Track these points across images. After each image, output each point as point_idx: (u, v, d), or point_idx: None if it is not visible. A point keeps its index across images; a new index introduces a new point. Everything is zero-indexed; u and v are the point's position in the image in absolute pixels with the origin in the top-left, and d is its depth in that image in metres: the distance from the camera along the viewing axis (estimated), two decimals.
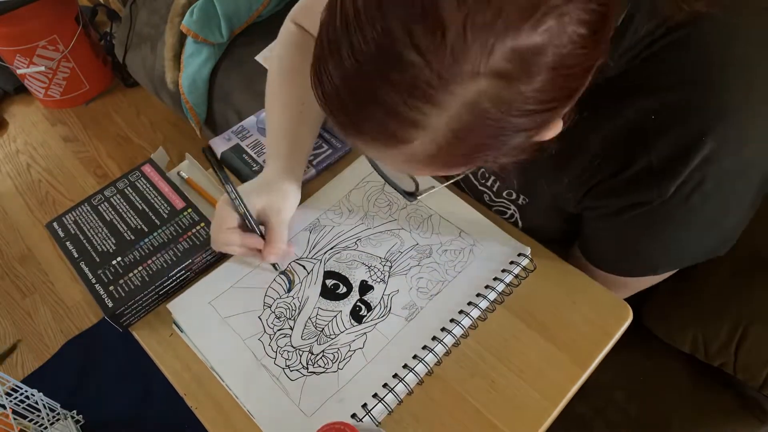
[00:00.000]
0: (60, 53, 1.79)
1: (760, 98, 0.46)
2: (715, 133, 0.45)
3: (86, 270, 0.63)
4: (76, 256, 0.64)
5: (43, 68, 1.79)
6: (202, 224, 0.66)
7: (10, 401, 1.06)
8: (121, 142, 1.84)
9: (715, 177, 0.47)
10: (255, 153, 0.74)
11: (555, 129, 0.41)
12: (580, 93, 0.38)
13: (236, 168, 0.73)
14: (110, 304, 0.60)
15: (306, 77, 0.67)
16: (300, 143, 0.67)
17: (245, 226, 0.62)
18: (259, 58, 1.23)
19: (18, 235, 1.66)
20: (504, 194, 0.64)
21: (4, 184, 1.78)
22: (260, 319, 0.61)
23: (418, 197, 0.53)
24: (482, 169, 0.64)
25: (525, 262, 0.62)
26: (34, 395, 1.12)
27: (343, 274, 0.63)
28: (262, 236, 0.63)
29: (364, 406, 0.54)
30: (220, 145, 0.75)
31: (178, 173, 0.74)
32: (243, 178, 0.72)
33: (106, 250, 0.64)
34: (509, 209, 0.65)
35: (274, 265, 0.64)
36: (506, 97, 0.34)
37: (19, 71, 1.81)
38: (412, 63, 0.32)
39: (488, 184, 0.65)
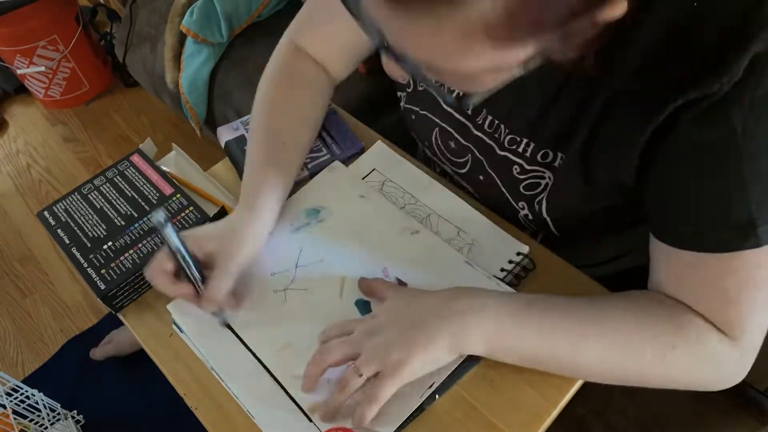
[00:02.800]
0: (60, 53, 1.79)
1: None
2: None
3: (78, 255, 0.64)
4: (67, 242, 0.66)
5: (43, 68, 1.79)
6: (191, 208, 0.67)
7: (10, 401, 1.06)
8: (121, 142, 1.84)
9: None
10: None
11: (620, 6, 0.35)
12: None
13: (236, 160, 0.73)
14: (102, 286, 0.61)
15: (291, 114, 0.65)
16: (273, 185, 0.62)
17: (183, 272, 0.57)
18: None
19: (18, 235, 1.66)
20: (539, 156, 0.55)
21: (4, 184, 1.78)
22: None
23: (471, 104, 0.44)
24: (512, 135, 0.56)
25: (524, 261, 0.62)
26: (34, 395, 1.12)
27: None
28: (201, 283, 0.57)
29: None
30: (226, 133, 0.75)
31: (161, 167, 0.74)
32: (241, 171, 0.72)
33: (96, 236, 0.66)
34: (544, 177, 0.56)
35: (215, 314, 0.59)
36: None
37: (19, 71, 1.81)
38: None
39: (520, 149, 0.56)
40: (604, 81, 0.47)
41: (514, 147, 0.58)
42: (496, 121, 0.59)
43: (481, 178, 0.63)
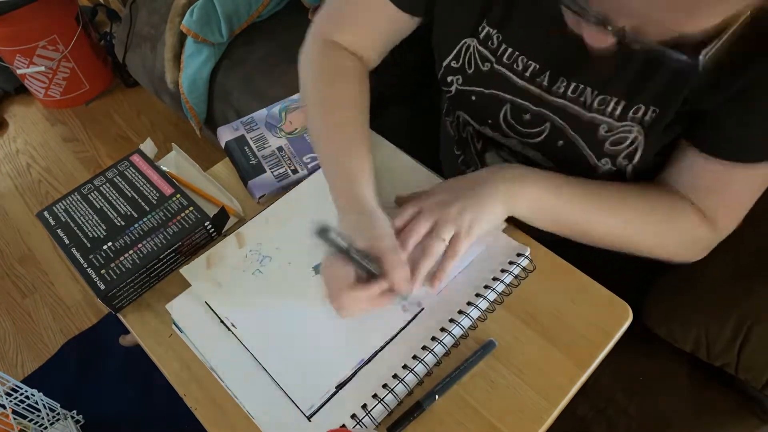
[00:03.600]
0: (60, 53, 1.79)
1: None
2: None
3: (77, 255, 0.64)
4: (67, 242, 0.66)
5: (43, 68, 1.79)
6: (191, 208, 0.67)
7: (10, 401, 1.06)
8: (121, 142, 1.84)
9: None
10: (257, 147, 0.74)
11: None
12: None
13: (235, 159, 0.73)
14: (102, 287, 0.61)
15: (347, 106, 0.68)
16: (360, 169, 0.63)
17: (360, 277, 0.56)
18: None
19: (18, 235, 1.66)
20: (631, 112, 0.59)
21: (4, 184, 1.78)
22: None
23: (703, 59, 0.47)
24: (602, 95, 0.60)
25: (524, 262, 0.62)
26: (34, 395, 1.12)
27: None
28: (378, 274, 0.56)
29: (364, 406, 0.54)
30: (226, 133, 0.76)
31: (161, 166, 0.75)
32: (241, 171, 0.72)
33: (96, 236, 0.66)
34: (631, 133, 0.60)
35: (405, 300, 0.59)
36: None
37: (19, 71, 1.81)
38: None
39: (609, 109, 0.60)
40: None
41: (603, 107, 0.60)
42: (581, 86, 0.61)
43: (560, 143, 0.65)
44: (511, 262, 0.61)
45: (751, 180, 0.58)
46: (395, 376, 0.55)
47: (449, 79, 0.69)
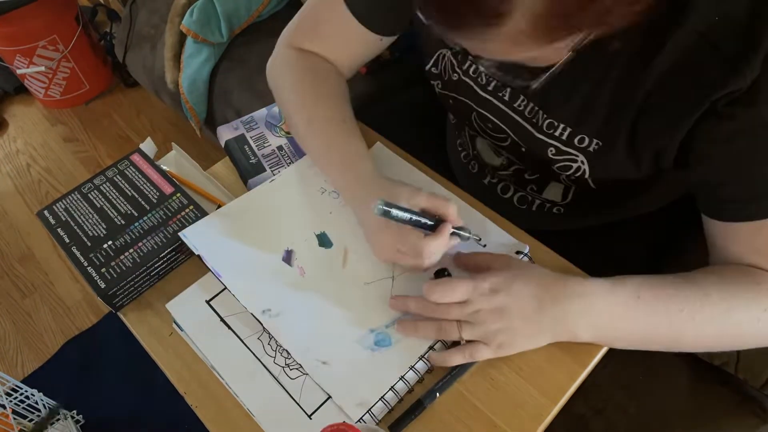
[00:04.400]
0: (60, 53, 1.79)
1: None
2: None
3: (78, 254, 0.64)
4: (67, 241, 0.66)
5: (43, 68, 1.79)
6: (191, 207, 0.67)
7: (10, 401, 1.06)
8: (121, 142, 1.85)
9: None
10: (257, 146, 0.74)
11: None
12: None
13: (235, 159, 0.73)
14: (102, 285, 0.61)
15: (335, 98, 0.69)
16: (360, 146, 0.64)
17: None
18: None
19: (18, 235, 1.66)
20: (576, 141, 0.60)
21: (4, 184, 1.78)
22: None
23: (534, 86, 0.49)
24: (550, 119, 0.60)
25: (524, 260, 0.62)
26: (34, 395, 1.12)
27: None
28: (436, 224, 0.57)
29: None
30: (226, 133, 0.76)
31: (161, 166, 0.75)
32: (241, 170, 0.73)
33: (97, 235, 0.66)
34: (576, 160, 0.61)
35: (465, 232, 0.59)
36: None
37: (19, 71, 1.81)
38: None
39: (557, 133, 0.61)
40: (641, 79, 0.52)
41: (551, 131, 0.61)
42: (536, 107, 0.62)
43: (522, 150, 0.67)
44: None
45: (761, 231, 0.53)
46: None
47: (432, 82, 0.72)
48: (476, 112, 0.69)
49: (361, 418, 0.53)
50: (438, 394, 0.54)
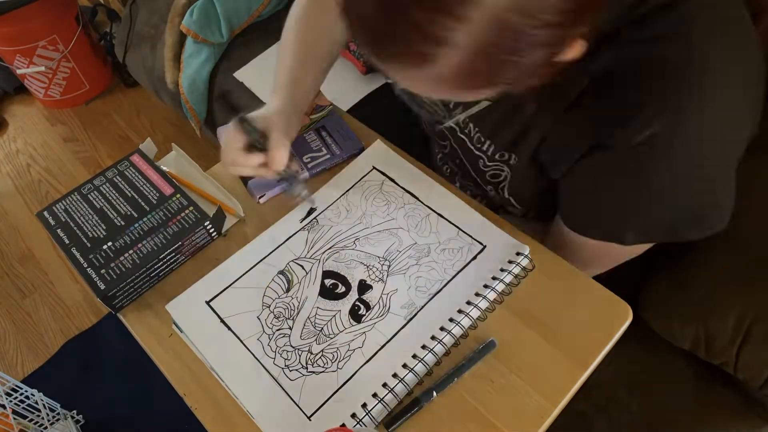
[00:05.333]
0: (60, 53, 1.79)
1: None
2: (662, 116, 0.48)
3: (77, 255, 0.64)
4: (67, 242, 0.66)
5: (43, 68, 1.79)
6: (191, 208, 0.67)
7: (10, 401, 1.06)
8: (121, 142, 1.84)
9: (681, 130, 0.49)
10: None
11: (575, 49, 0.42)
12: (599, 11, 0.40)
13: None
14: (102, 286, 0.61)
15: (315, 27, 0.71)
16: (303, 84, 0.70)
17: (249, 150, 0.65)
18: (238, 75, 1.23)
19: (18, 235, 1.66)
20: (497, 156, 0.64)
21: (4, 184, 1.78)
22: (259, 319, 0.61)
23: (447, 123, 0.54)
24: (479, 134, 0.65)
25: (524, 261, 0.62)
26: (34, 395, 1.12)
27: (342, 273, 0.63)
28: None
29: (364, 405, 0.54)
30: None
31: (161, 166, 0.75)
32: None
33: (96, 236, 0.66)
34: (503, 171, 0.66)
35: (284, 176, 0.67)
36: (529, 7, 0.35)
37: (19, 71, 1.81)
38: None
39: (484, 148, 0.66)
40: (555, 105, 0.55)
41: (480, 145, 0.66)
42: (470, 123, 0.66)
43: (457, 161, 0.73)
44: (510, 261, 0.61)
45: (596, 250, 0.62)
46: (395, 375, 0.55)
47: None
48: (422, 117, 0.73)
49: (360, 421, 0.53)
50: (435, 393, 0.54)
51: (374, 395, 0.54)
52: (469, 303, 0.59)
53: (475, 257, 0.63)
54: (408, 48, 0.38)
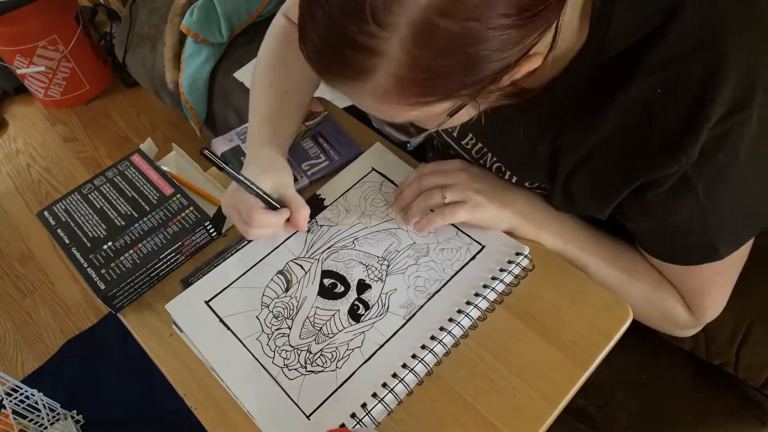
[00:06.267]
0: (60, 53, 1.79)
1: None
2: (720, 95, 0.44)
3: (77, 255, 0.64)
4: (67, 242, 0.66)
5: (43, 68, 1.79)
6: (191, 208, 0.67)
7: (10, 401, 1.06)
8: (121, 142, 1.85)
9: (736, 133, 0.46)
10: None
11: (531, 64, 0.41)
12: (551, 20, 0.39)
13: (232, 170, 0.73)
14: (102, 286, 0.61)
15: (290, 68, 0.70)
16: (283, 129, 0.69)
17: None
18: (237, 75, 1.23)
19: (18, 235, 1.66)
20: (526, 185, 0.63)
21: (4, 184, 1.78)
22: (258, 318, 0.61)
23: (411, 143, 0.53)
24: (498, 164, 0.63)
25: (524, 261, 0.62)
26: (34, 395, 1.12)
27: (341, 273, 0.63)
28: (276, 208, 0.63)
29: (364, 405, 0.54)
30: (221, 145, 0.75)
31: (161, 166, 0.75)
32: (238, 182, 0.72)
33: (97, 235, 0.66)
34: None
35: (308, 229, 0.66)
36: (454, 10, 0.35)
37: (19, 71, 1.81)
38: None
39: (506, 177, 0.64)
40: (584, 138, 0.52)
41: (500, 174, 0.65)
42: (484, 149, 0.64)
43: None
44: (510, 261, 0.61)
45: (701, 275, 0.58)
46: (395, 375, 0.55)
47: None
48: (437, 139, 0.71)
49: (360, 421, 0.53)
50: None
51: (374, 395, 0.54)
52: (468, 303, 0.59)
53: (474, 257, 0.62)
54: (345, 62, 0.38)
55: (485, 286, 0.60)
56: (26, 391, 1.10)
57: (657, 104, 0.47)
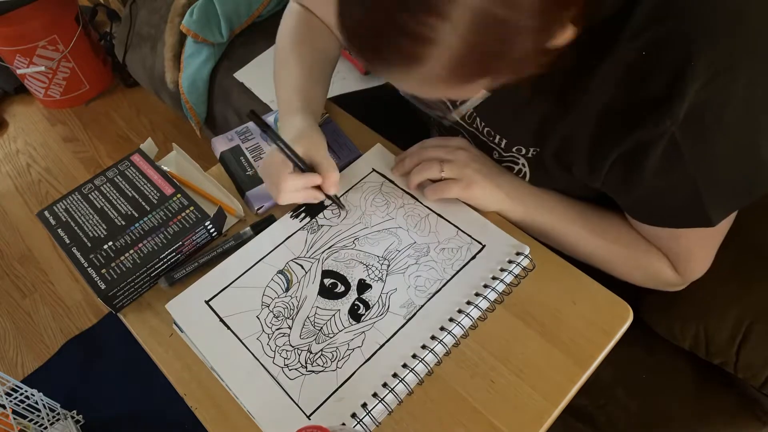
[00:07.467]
0: (60, 53, 1.79)
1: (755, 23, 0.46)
2: (705, 57, 0.45)
3: (78, 255, 0.64)
4: (67, 242, 0.66)
5: (43, 68, 1.79)
6: (191, 208, 0.67)
7: (10, 401, 1.06)
8: (121, 142, 1.84)
9: (722, 96, 0.47)
10: (252, 157, 0.74)
11: (566, 34, 0.42)
12: None
13: (231, 170, 0.73)
14: (103, 286, 0.61)
15: (314, 46, 0.73)
16: (314, 98, 0.71)
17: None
18: (238, 75, 1.23)
19: (18, 235, 1.66)
20: (513, 149, 0.64)
21: (4, 184, 1.78)
22: (258, 318, 0.61)
23: (451, 117, 0.56)
24: (488, 128, 0.65)
25: (524, 261, 0.62)
26: (34, 395, 1.12)
27: (341, 273, 0.63)
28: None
29: (364, 405, 0.54)
30: (221, 144, 0.75)
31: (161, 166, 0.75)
32: (237, 181, 0.72)
33: (97, 235, 0.66)
34: (516, 164, 0.65)
35: (335, 200, 0.67)
36: None
37: (19, 71, 1.81)
38: None
39: (495, 140, 0.65)
40: (575, 100, 0.53)
41: (491, 138, 0.66)
42: (477, 117, 0.66)
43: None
44: (510, 261, 0.61)
45: (688, 239, 0.59)
46: (395, 375, 0.55)
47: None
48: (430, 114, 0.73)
49: (360, 421, 0.53)
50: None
51: (374, 395, 0.54)
52: (469, 303, 0.59)
53: (474, 257, 0.63)
54: (397, 50, 0.39)
55: (486, 286, 0.60)
56: (26, 391, 1.10)
57: (643, 66, 0.48)
